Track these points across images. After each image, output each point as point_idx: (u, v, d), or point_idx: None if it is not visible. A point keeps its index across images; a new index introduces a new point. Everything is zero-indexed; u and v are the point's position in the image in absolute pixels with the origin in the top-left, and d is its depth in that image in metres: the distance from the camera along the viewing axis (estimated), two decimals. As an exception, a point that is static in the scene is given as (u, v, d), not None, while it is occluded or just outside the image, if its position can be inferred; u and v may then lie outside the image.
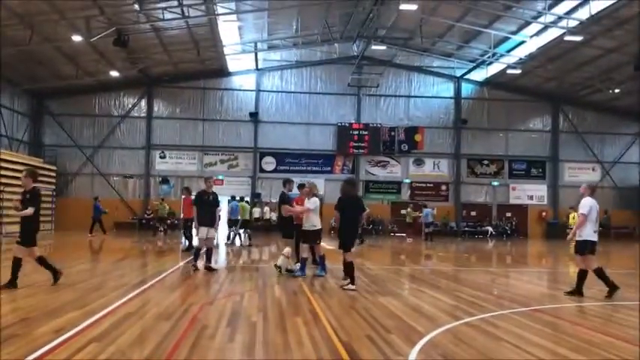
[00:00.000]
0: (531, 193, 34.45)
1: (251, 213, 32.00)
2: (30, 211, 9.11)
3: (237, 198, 21.91)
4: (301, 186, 13.78)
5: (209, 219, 12.40)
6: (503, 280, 13.09)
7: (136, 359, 5.17)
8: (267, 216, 31.55)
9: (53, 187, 29.99)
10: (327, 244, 21.09)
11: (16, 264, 9.16)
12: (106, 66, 27.98)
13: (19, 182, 26.15)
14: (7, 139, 28.00)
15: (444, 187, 34.29)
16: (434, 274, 13.33)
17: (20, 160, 26.79)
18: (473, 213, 34.16)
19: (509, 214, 34.17)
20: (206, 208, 12.38)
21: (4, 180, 24.39)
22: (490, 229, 33.03)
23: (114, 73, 28.78)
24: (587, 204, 9.65)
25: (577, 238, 9.67)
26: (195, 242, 13.48)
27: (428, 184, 34.14)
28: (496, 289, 10.91)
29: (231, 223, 21.22)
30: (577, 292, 9.58)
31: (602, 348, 5.94)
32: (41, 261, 9.56)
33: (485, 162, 34.66)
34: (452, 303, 8.87)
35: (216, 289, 9.82)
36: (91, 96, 32.13)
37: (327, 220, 31.45)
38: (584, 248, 9.56)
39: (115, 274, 11.76)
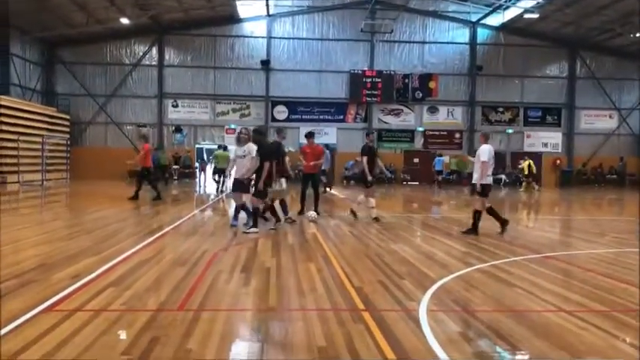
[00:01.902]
0: (546, 140, 34.08)
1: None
2: None
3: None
4: (310, 134, 13.80)
5: (284, 170, 12.34)
6: (515, 227, 13.08)
7: (153, 303, 5.28)
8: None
9: (67, 136, 30.15)
10: (340, 193, 21.18)
11: None
12: (116, 13, 27.59)
13: (34, 131, 26.31)
14: (20, 89, 27.97)
15: (457, 135, 33.99)
16: (446, 222, 13.36)
17: (34, 110, 26.86)
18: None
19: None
20: (282, 159, 12.17)
21: (19, 129, 24.54)
22: (503, 177, 32.87)
23: (124, 21, 28.39)
24: (487, 150, 10.28)
25: (473, 181, 10.57)
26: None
27: (441, 132, 33.83)
28: (508, 236, 10.92)
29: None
30: (473, 230, 10.53)
31: (614, 294, 5.96)
32: None
33: (500, 109, 34.18)
34: (464, 250, 8.92)
35: (230, 236, 9.93)
36: (102, 44, 31.84)
37: (339, 169, 31.62)
38: (475, 190, 10.49)
39: (130, 222, 11.91)
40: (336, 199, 19.67)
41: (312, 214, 12.45)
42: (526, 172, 28.25)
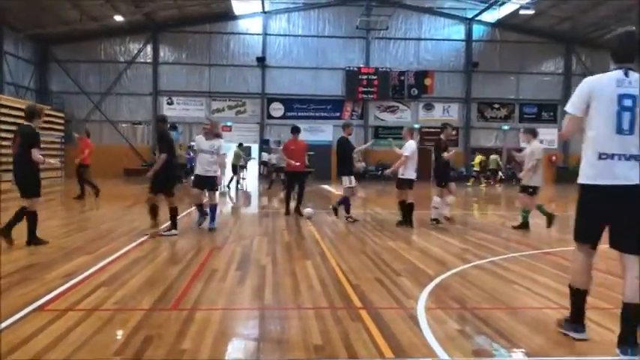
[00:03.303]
0: (542, 137, 33.11)
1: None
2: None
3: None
4: (295, 130, 13.25)
5: (352, 167, 12.12)
6: (512, 223, 13.02)
7: (146, 302, 5.19)
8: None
9: (62, 134, 29.97)
10: (337, 190, 21.12)
11: None
12: (110, 10, 27.40)
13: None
14: (13, 87, 27.79)
15: (453, 132, 33.86)
16: (442, 218, 13.27)
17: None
18: (482, 157, 33.90)
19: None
20: (350, 155, 11.96)
21: (13, 127, 24.35)
22: (500, 173, 32.82)
23: (118, 18, 28.22)
24: (410, 147, 10.89)
25: (400, 176, 11.01)
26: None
27: (437, 129, 33.67)
28: (505, 232, 10.88)
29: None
30: (407, 222, 11.09)
31: (614, 290, 5.88)
32: None
33: (496, 106, 34.16)
34: (461, 246, 8.86)
35: (225, 234, 9.84)
36: (96, 42, 31.68)
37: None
38: (405, 184, 10.98)
39: (125, 220, 11.79)
40: (333, 196, 19.59)
41: (308, 210, 12.35)
42: (477, 168, 28.61)
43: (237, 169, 23.28)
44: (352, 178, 11.93)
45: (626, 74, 3.91)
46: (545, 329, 4.55)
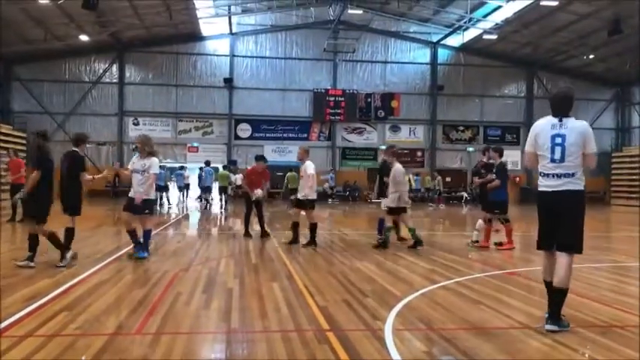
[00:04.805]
0: (505, 158, 34.57)
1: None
2: None
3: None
4: (260, 158, 12.92)
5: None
6: (477, 243, 13.15)
7: (109, 327, 5.07)
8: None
9: (23, 154, 29.28)
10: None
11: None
12: (75, 29, 27.16)
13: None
14: (-27, 106, 27.20)
15: (419, 154, 34.41)
16: (409, 239, 13.34)
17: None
18: (448, 179, 34.34)
19: (483, 180, 34.41)
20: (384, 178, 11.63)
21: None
22: (465, 194, 33.30)
23: (84, 38, 27.97)
24: (312, 166, 11.08)
25: (300, 196, 11.22)
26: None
27: (404, 151, 34.04)
28: (471, 252, 10.99)
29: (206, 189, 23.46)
30: (294, 240, 11.34)
31: (576, 309, 5.98)
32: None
33: (461, 128, 34.79)
34: (428, 267, 8.91)
35: (191, 256, 9.72)
36: (61, 61, 31.30)
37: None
38: (306, 204, 11.13)
39: (88, 242, 11.54)
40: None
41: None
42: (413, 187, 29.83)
43: (226, 190, 23.48)
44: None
45: (560, 120, 5.37)
46: (511, 349, 4.59)
